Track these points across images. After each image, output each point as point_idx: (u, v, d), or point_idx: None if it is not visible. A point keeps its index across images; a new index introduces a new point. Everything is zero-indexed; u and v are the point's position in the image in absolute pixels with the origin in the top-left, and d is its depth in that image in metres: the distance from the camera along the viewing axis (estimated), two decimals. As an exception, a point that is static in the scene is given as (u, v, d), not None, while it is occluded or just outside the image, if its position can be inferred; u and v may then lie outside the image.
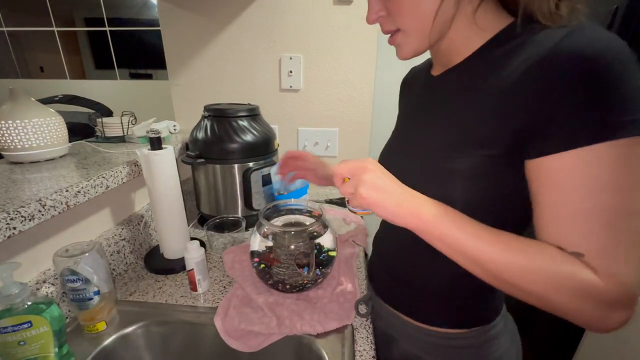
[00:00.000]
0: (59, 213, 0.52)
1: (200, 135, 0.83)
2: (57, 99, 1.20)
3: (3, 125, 0.65)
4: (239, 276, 0.66)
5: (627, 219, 0.28)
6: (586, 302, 0.29)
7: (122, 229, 0.72)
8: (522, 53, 0.33)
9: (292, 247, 0.59)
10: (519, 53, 0.33)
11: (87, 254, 0.50)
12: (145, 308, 0.59)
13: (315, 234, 0.63)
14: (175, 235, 0.71)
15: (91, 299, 0.51)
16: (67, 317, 0.56)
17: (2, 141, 0.65)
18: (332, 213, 0.98)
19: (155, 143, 0.66)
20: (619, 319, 0.29)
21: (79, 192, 0.55)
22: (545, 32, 0.32)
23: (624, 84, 0.27)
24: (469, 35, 0.38)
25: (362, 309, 0.59)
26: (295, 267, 0.60)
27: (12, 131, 0.65)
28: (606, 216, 0.28)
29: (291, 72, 1.08)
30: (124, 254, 0.72)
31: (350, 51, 1.06)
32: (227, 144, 0.81)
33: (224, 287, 0.66)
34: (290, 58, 1.07)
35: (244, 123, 0.84)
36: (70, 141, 0.78)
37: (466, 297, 0.43)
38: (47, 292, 0.53)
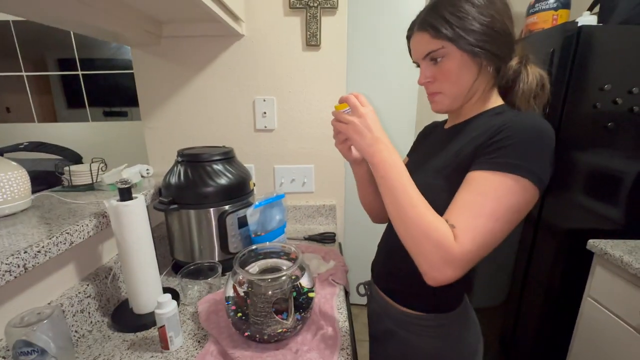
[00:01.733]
0: (15, 277, 0.48)
1: (174, 180, 0.82)
2: (22, 146, 1.16)
3: (-42, 182, 0.62)
4: (214, 329, 0.63)
5: (486, 220, 0.44)
6: (438, 250, 0.44)
7: (88, 285, 0.67)
8: (496, 121, 0.50)
9: (270, 293, 0.58)
10: (494, 121, 0.51)
11: (45, 322, 0.46)
12: (110, 374, 0.55)
13: (293, 277, 0.62)
14: (146, 288, 0.68)
15: (48, 371, 0.47)
16: (19, 394, 0.51)
17: (-44, 199, 0.62)
18: (311, 250, 0.97)
19: (125, 193, 0.64)
20: (449, 273, 0.44)
21: (39, 252, 0.52)
22: (512, 112, 0.53)
23: (533, 146, 0.45)
24: (476, 106, 0.56)
25: (362, 289, 0.76)
26: (273, 315, 0.58)
27: (-32, 188, 0.62)
28: (477, 212, 0.44)
29: (265, 113, 1.11)
30: (89, 312, 0.67)
31: (320, 91, 1.11)
32: (202, 188, 0.80)
33: (199, 341, 0.63)
34: (264, 100, 1.10)
35: (218, 167, 0.84)
36: (34, 191, 0.75)
37: (425, 289, 0.54)
38: (-4, 368, 0.48)
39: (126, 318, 0.68)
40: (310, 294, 0.64)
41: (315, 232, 1.11)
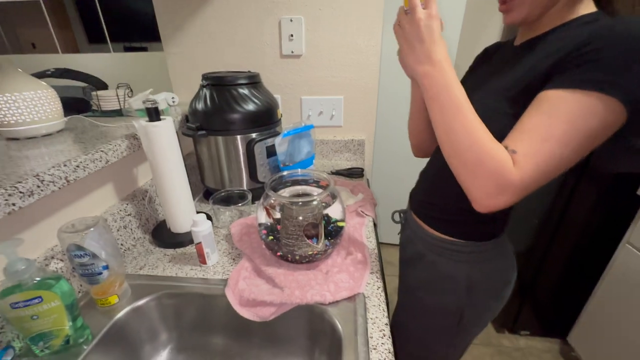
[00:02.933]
0: (59, 188, 0.50)
1: (200, 105, 0.79)
2: (48, 72, 1.15)
3: (-7, 99, 0.62)
4: (247, 248, 0.66)
5: (554, 144, 0.38)
6: (493, 177, 0.40)
7: (127, 204, 0.70)
8: (584, 31, 0.40)
9: (300, 218, 0.58)
10: (582, 31, 0.41)
11: (92, 229, 0.49)
12: (156, 281, 0.60)
13: (323, 204, 0.61)
14: (181, 210, 0.70)
15: (100, 273, 0.51)
16: (79, 292, 0.57)
17: (-5, 116, 0.62)
18: (340, 184, 0.96)
19: (153, 114, 0.63)
20: (502, 200, 0.41)
21: (77, 166, 0.53)
22: (608, 19, 0.40)
23: (632, 59, 0.35)
24: (560, 14, 0.45)
25: (397, 216, 0.78)
26: (304, 238, 0.59)
27: (3, 105, 0.62)
28: (545, 135, 0.39)
29: (292, 36, 1.01)
30: (131, 229, 0.71)
31: (355, 12, 0.98)
32: (229, 114, 0.77)
33: (233, 259, 0.66)
34: (291, 20, 1.00)
35: (244, 91, 0.79)
36: (65, 116, 0.76)
37: (466, 217, 0.56)
38: (56, 268, 0.53)
39: (165, 236, 0.72)
40: (340, 223, 0.64)
41: (343, 167, 1.09)
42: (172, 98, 1.02)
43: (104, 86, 1.09)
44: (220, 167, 0.84)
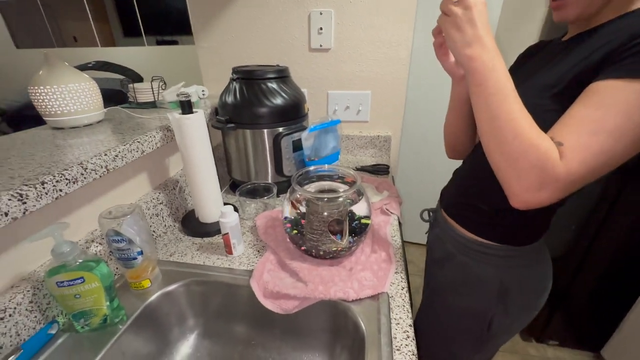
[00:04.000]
0: (100, 176, 0.53)
1: (230, 99, 0.80)
2: (90, 65, 1.22)
3: (42, 91, 0.66)
4: (272, 241, 0.67)
5: (605, 138, 0.36)
6: (536, 169, 0.38)
7: (159, 193, 0.73)
8: (634, 25, 0.38)
9: (325, 214, 0.58)
10: (636, 22, 0.39)
11: (128, 216, 0.51)
12: (185, 268, 0.62)
13: (349, 201, 0.60)
14: (209, 200, 0.72)
15: (135, 258, 0.53)
16: (115, 275, 0.60)
17: (42, 107, 0.67)
18: (365, 180, 0.95)
19: (186, 106, 0.64)
20: (544, 196, 0.39)
21: (116, 156, 0.56)
22: None
23: None
24: (615, 7, 0.42)
25: (426, 215, 0.76)
26: (329, 234, 0.59)
27: (50, 96, 0.66)
28: (595, 128, 0.36)
29: (321, 29, 1.00)
30: (162, 217, 0.74)
31: (386, 4, 0.95)
32: (257, 108, 0.78)
33: (258, 250, 0.67)
34: (321, 13, 0.98)
35: (273, 85, 0.80)
36: (104, 107, 0.80)
37: (504, 219, 0.54)
38: (95, 251, 0.56)
39: (194, 225, 0.74)
40: (365, 221, 0.63)
41: (368, 163, 1.07)
42: (202, 91, 1.04)
43: (139, 79, 1.13)
44: (247, 160, 0.85)
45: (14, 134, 0.68)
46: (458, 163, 0.70)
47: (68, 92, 0.67)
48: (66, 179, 0.47)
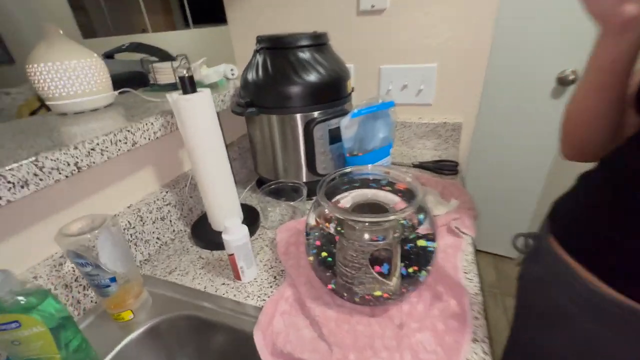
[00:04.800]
0: (67, 177, 0.40)
1: (251, 76, 0.64)
2: (124, 47, 1.16)
3: (41, 69, 0.56)
4: (292, 266, 0.49)
5: None
6: None
7: (167, 192, 0.61)
8: None
9: (366, 237, 0.38)
10: None
11: (96, 231, 0.38)
12: (181, 295, 0.48)
13: (405, 222, 0.40)
14: (220, 203, 0.58)
15: (108, 286, 0.41)
16: (93, 301, 0.48)
17: (42, 88, 0.57)
18: (425, 183, 0.72)
19: (187, 84, 0.49)
20: None
21: (92, 149, 0.43)
22: None
23: None
24: None
25: (521, 242, 0.55)
26: (369, 269, 0.39)
27: (50, 75, 0.56)
28: None
29: (374, -17, 0.77)
30: (171, 221, 0.62)
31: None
32: (284, 86, 0.60)
33: (274, 277, 0.50)
34: (374, -39, 0.75)
35: (306, 56, 0.61)
36: (124, 89, 0.70)
37: None
38: (68, 269, 0.45)
39: (204, 233, 0.61)
40: (423, 243, 0.42)
41: (427, 159, 0.83)
42: (232, 70, 0.90)
43: (171, 59, 1.03)
44: (274, 153, 0.69)
45: (15, 121, 0.61)
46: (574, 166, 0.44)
47: (69, 71, 0.56)
48: (8, 181, 0.34)
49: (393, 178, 0.47)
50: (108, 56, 1.24)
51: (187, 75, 0.49)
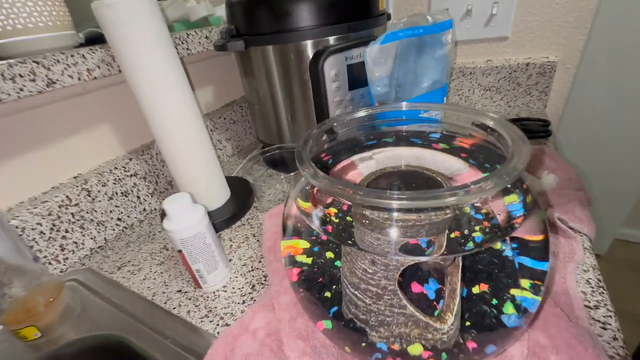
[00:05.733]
0: None
1: (237, -9, 0.44)
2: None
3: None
4: (276, 273, 0.31)
5: None
6: None
7: (131, 159, 0.46)
8: None
9: (394, 237, 0.18)
10: None
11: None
12: (116, 306, 0.33)
13: (471, 214, 0.19)
14: (188, 172, 0.41)
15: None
16: None
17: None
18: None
19: (116, -14, 0.31)
20: None
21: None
22: None
23: None
24: None
25: None
26: (401, 298, 0.20)
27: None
28: None
29: None
30: (138, 197, 0.47)
31: None
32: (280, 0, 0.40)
33: (253, 286, 0.33)
34: None
35: (311, -52, 0.39)
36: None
37: None
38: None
39: (176, 214, 0.45)
40: (531, 263, 0.21)
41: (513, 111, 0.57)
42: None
43: None
44: (275, 107, 0.49)
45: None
46: None
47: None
48: None
49: (457, 128, 0.25)
50: None
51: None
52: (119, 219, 0.45)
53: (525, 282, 0.21)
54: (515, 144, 0.19)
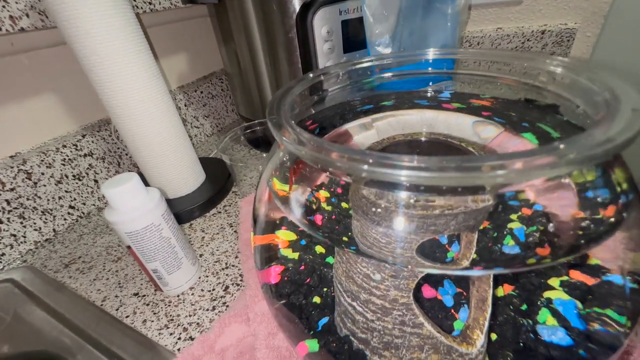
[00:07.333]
0: None
1: None
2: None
3: None
4: (252, 278, 0.25)
5: None
6: None
7: (84, 136, 0.38)
8: None
9: (409, 229, 0.12)
10: None
11: None
12: (55, 315, 0.27)
13: (520, 196, 0.13)
14: (156, 152, 0.34)
15: None
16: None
17: None
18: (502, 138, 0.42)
19: None
20: None
21: None
22: None
23: None
24: None
25: None
26: (417, 313, 0.14)
27: None
28: None
29: None
30: (96, 181, 0.40)
31: None
32: None
33: (226, 288, 0.27)
34: None
35: None
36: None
37: None
38: None
39: (140, 201, 0.38)
40: (623, 282, 0.15)
41: (509, 97, 0.51)
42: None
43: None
44: (257, 75, 0.42)
45: None
46: None
47: None
48: None
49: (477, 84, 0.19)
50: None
51: None
52: (71, 207, 0.38)
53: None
54: (614, 98, 0.13)
